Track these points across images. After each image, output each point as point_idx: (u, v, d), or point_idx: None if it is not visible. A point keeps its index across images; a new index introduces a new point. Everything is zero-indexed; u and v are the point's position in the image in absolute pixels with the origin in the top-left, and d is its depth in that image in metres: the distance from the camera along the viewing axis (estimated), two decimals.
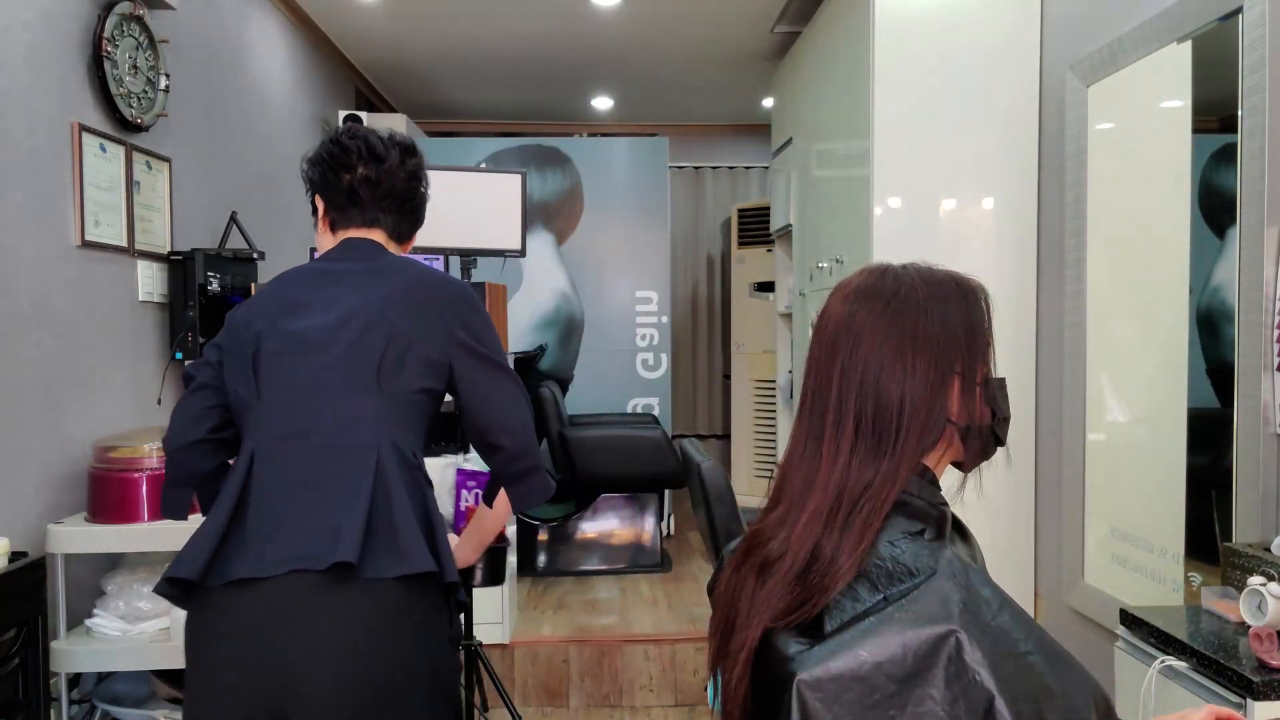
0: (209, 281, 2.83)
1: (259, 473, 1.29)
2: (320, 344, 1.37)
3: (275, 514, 1.26)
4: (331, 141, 1.56)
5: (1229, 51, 1.87)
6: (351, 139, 1.54)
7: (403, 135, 1.60)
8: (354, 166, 1.53)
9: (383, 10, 4.13)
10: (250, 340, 1.39)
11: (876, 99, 2.81)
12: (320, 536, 1.23)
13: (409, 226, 1.62)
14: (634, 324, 4.91)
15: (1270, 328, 1.77)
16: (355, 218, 1.54)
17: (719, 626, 0.99)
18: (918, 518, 0.91)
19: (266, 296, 1.47)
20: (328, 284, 1.46)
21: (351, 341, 1.37)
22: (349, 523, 1.24)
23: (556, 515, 4.31)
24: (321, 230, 1.58)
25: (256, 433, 1.33)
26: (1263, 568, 1.60)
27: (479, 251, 2.67)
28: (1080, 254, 2.45)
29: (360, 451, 1.31)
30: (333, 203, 1.55)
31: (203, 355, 1.48)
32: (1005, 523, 2.80)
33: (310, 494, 1.27)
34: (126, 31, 2.61)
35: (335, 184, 1.53)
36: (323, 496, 1.27)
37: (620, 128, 6.31)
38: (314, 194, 1.58)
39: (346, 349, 1.36)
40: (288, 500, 1.27)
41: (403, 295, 1.43)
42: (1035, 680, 0.81)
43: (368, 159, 1.53)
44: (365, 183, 1.53)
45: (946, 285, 0.96)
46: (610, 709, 3.14)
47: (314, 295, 1.44)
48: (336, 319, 1.39)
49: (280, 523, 1.25)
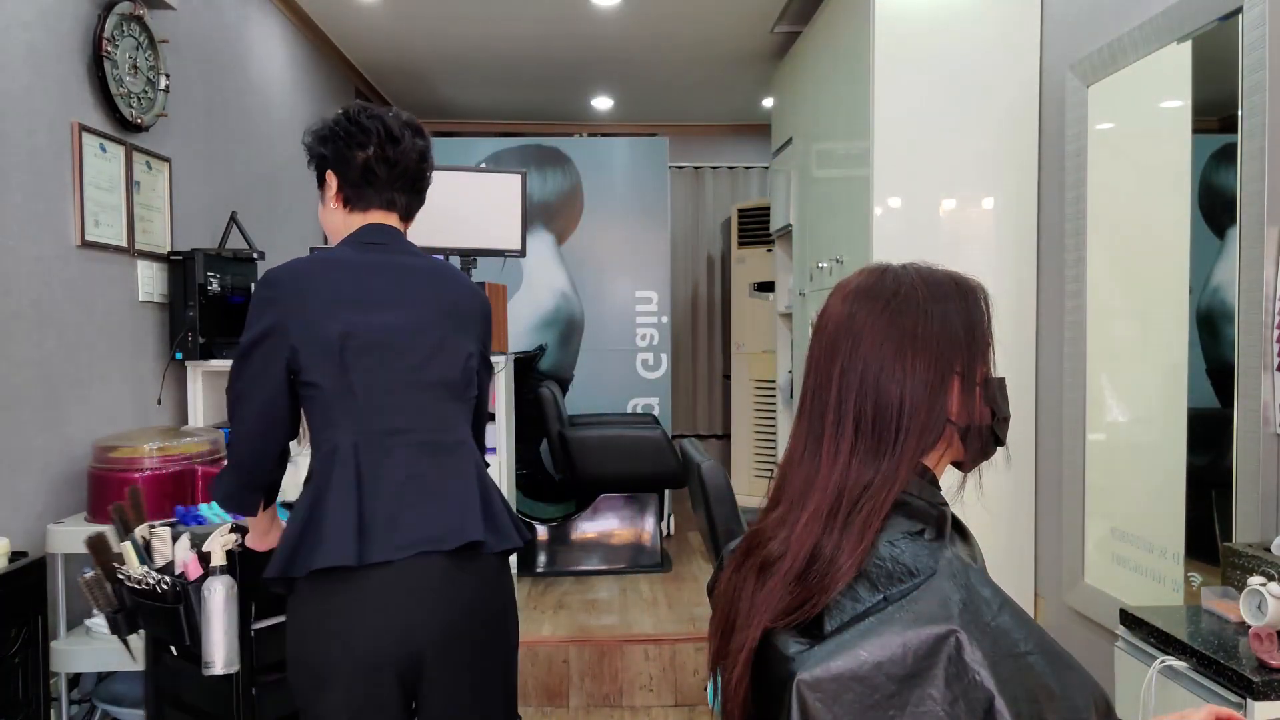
0: (209, 281, 2.83)
1: (367, 464, 1.43)
2: (405, 346, 1.50)
3: (393, 503, 1.43)
4: (348, 120, 1.56)
5: (1229, 51, 1.87)
6: (370, 119, 1.56)
7: (409, 115, 1.63)
8: (370, 146, 1.55)
9: (383, 10, 4.13)
10: (335, 334, 1.44)
11: (876, 99, 2.81)
12: (442, 523, 1.44)
13: (417, 206, 1.67)
14: (634, 324, 4.91)
15: (1270, 328, 1.77)
16: (373, 198, 1.58)
17: (719, 627, 0.99)
18: (918, 518, 0.91)
19: (328, 285, 1.48)
20: (388, 276, 1.53)
21: (433, 349, 1.52)
22: (471, 510, 1.47)
23: (556, 515, 4.31)
24: (334, 206, 1.58)
25: (354, 425, 1.44)
26: (1263, 568, 1.60)
27: (479, 251, 2.67)
28: (1080, 254, 2.45)
29: (461, 449, 1.53)
30: (348, 179, 1.56)
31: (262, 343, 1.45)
32: (1005, 523, 2.80)
33: (420, 485, 1.45)
34: (126, 31, 2.61)
35: (351, 161, 1.55)
36: (437, 489, 1.47)
37: (620, 128, 6.31)
38: (323, 170, 1.58)
39: (430, 356, 1.52)
40: (402, 490, 1.44)
41: (465, 309, 1.59)
42: (1035, 680, 0.81)
43: (385, 139, 1.56)
44: (384, 162, 1.56)
45: (946, 285, 0.96)
46: (610, 709, 3.14)
47: (380, 288, 1.51)
48: (410, 321, 1.51)
49: (399, 511, 1.43)
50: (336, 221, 1.59)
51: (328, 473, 1.42)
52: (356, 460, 1.43)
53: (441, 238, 2.63)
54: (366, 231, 1.57)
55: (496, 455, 3.18)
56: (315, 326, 1.45)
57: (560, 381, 4.88)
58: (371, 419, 1.45)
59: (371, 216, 1.58)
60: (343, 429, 1.44)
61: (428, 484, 1.46)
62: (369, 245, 1.56)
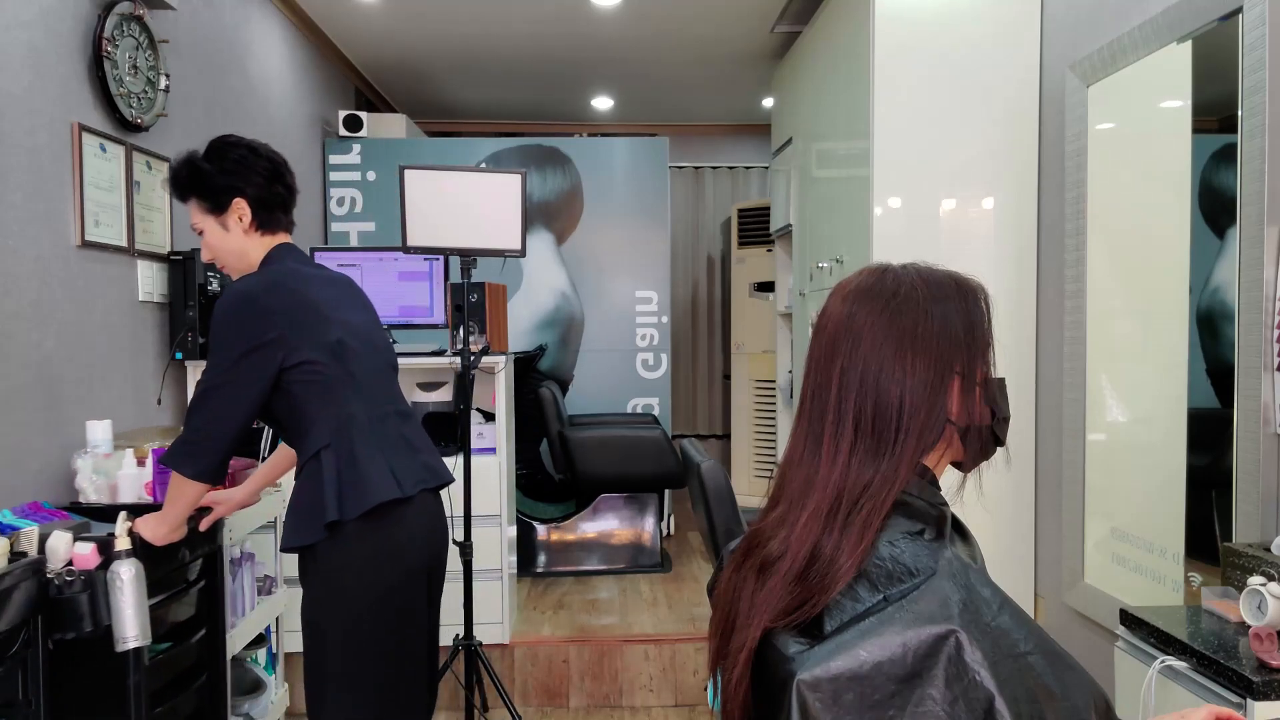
0: (209, 281, 2.83)
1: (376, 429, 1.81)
2: (374, 342, 1.91)
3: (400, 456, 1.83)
4: (260, 156, 1.86)
5: (1229, 51, 1.87)
6: (267, 152, 1.88)
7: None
8: (282, 175, 1.89)
9: (383, 10, 4.13)
10: (330, 325, 1.79)
11: (876, 99, 2.81)
12: (434, 467, 1.91)
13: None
14: (634, 324, 4.91)
15: (1270, 328, 1.77)
16: (283, 223, 1.91)
17: (719, 627, 0.99)
18: (917, 518, 0.91)
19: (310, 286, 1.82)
20: (340, 286, 1.92)
21: (386, 341, 1.98)
22: (439, 458, 1.95)
23: (556, 515, 4.31)
24: (248, 232, 1.85)
25: (357, 403, 1.80)
26: (1263, 568, 1.60)
27: (479, 251, 2.67)
28: (1080, 254, 2.45)
29: (415, 414, 1.98)
30: (265, 206, 1.85)
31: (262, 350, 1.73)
32: (1005, 523, 2.80)
33: (410, 444, 1.88)
34: (126, 31, 2.61)
35: (270, 191, 1.86)
36: (422, 446, 1.91)
37: (620, 128, 6.31)
38: (230, 197, 1.83)
39: (385, 351, 1.95)
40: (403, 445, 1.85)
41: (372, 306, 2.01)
42: (1035, 680, 0.81)
43: (284, 169, 1.90)
44: (288, 190, 1.90)
45: (946, 285, 0.96)
46: (610, 709, 3.14)
47: (340, 296, 1.89)
48: (369, 320, 1.94)
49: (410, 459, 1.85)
50: (248, 244, 1.86)
51: (348, 437, 1.77)
52: (371, 426, 1.80)
53: (441, 238, 2.63)
54: (291, 251, 1.89)
55: (496, 455, 3.18)
56: (316, 331, 1.77)
57: (560, 381, 4.88)
58: (370, 397, 1.83)
59: (280, 238, 1.90)
60: (354, 405, 1.79)
61: (413, 442, 1.88)
62: (307, 264, 1.89)
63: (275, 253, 1.87)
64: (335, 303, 1.84)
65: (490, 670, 2.74)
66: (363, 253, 3.33)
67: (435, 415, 3.18)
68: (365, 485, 1.76)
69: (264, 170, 1.85)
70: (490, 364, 3.15)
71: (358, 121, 4.66)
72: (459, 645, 2.72)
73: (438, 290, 3.27)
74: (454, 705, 3.04)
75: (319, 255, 3.16)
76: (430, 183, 2.61)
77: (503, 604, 3.16)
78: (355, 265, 3.26)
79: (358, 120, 4.67)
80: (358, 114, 4.67)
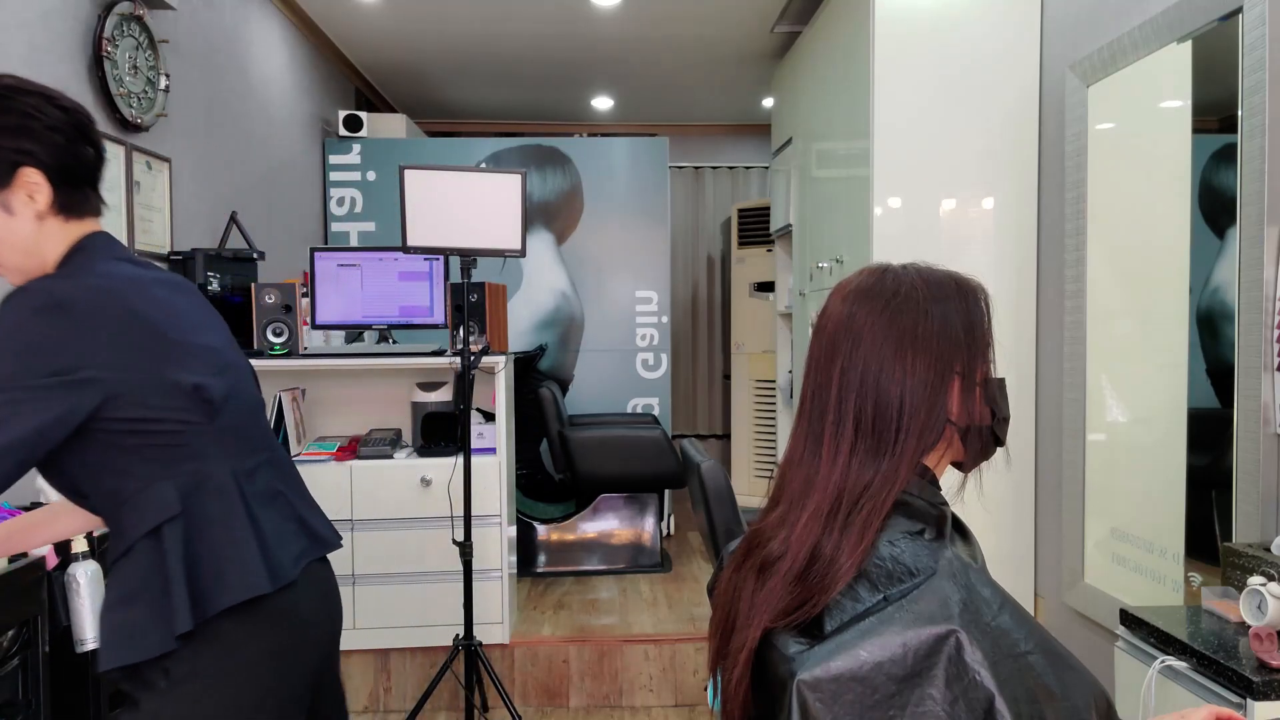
0: (209, 281, 2.83)
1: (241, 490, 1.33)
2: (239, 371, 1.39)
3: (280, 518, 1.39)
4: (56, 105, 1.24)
5: (1229, 51, 1.87)
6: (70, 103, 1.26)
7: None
8: (90, 135, 1.27)
9: (383, 10, 4.13)
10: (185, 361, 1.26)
11: (876, 99, 2.81)
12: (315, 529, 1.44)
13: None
14: (634, 324, 4.91)
15: (1270, 328, 1.77)
16: (93, 202, 1.30)
17: (719, 627, 0.99)
18: (918, 518, 0.91)
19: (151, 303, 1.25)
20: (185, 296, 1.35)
21: (251, 374, 1.44)
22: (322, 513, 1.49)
23: (556, 515, 4.31)
24: (43, 216, 1.23)
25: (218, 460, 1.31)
26: (1263, 568, 1.60)
27: (479, 251, 2.67)
28: (1080, 254, 2.45)
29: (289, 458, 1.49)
30: (69, 179, 1.25)
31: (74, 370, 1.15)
32: (1005, 523, 2.80)
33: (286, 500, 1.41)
34: (126, 31, 2.61)
35: (75, 156, 1.26)
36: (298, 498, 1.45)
37: (620, 128, 6.32)
38: (21, 166, 1.21)
39: (250, 380, 1.44)
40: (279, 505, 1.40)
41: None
42: (1035, 680, 0.81)
43: (90, 125, 1.28)
44: (101, 159, 1.31)
45: (946, 285, 0.96)
46: (610, 709, 3.14)
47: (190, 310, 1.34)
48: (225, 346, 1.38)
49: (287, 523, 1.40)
50: (43, 234, 1.24)
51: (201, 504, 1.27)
52: (238, 487, 1.31)
53: (441, 238, 2.63)
54: (110, 244, 1.29)
55: (496, 455, 3.18)
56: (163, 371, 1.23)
57: (560, 381, 4.88)
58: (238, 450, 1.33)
59: (89, 224, 1.29)
60: (214, 463, 1.29)
61: (287, 496, 1.41)
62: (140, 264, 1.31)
63: (86, 245, 1.26)
64: (191, 323, 1.30)
65: (490, 670, 2.74)
66: (363, 253, 3.33)
67: (435, 415, 3.18)
68: (232, 570, 1.27)
69: (64, 126, 1.23)
70: (490, 364, 3.15)
71: (358, 121, 4.67)
72: (459, 645, 2.72)
73: (438, 290, 3.27)
74: (454, 705, 3.04)
75: (319, 255, 3.13)
76: (430, 183, 2.61)
77: (503, 604, 3.16)
78: (355, 265, 3.26)
79: (358, 120, 4.67)
80: (358, 114, 4.67)
